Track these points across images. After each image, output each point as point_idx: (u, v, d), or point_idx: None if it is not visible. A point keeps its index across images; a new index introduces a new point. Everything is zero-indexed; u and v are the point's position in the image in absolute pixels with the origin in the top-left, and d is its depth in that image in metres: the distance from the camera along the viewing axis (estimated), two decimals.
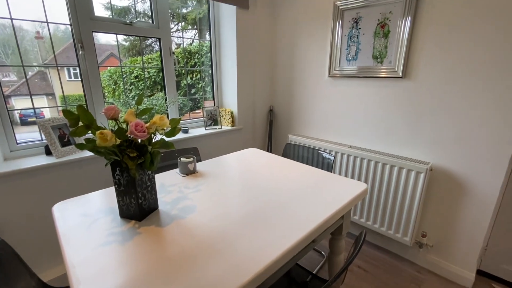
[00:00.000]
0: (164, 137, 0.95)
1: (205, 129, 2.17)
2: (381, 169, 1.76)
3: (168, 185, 1.24)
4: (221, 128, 2.24)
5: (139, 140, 0.89)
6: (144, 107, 1.20)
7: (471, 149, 1.50)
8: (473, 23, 1.38)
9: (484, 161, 1.47)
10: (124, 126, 0.87)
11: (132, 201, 0.92)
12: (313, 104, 2.23)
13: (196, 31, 2.25)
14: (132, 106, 1.78)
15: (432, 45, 1.53)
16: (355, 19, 1.80)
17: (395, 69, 1.67)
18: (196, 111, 2.36)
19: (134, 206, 0.92)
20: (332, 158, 1.62)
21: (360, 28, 1.79)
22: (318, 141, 2.13)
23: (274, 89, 2.54)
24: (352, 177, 1.93)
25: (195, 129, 2.21)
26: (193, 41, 2.26)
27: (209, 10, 2.19)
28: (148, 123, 0.85)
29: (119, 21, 1.69)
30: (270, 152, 2.67)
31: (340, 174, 2.01)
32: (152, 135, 0.91)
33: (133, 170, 0.83)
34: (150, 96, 1.76)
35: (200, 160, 1.69)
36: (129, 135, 0.83)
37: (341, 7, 1.84)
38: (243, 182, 1.27)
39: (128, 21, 1.72)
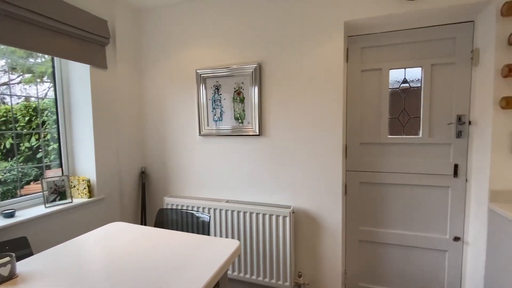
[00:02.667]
0: None
1: (46, 207, 1.67)
2: (255, 219, 1.85)
3: None
4: (71, 202, 1.79)
5: None
6: None
7: (315, 190, 1.84)
8: (295, 97, 1.83)
9: (326, 198, 1.82)
10: None
11: None
12: (189, 163, 2.20)
13: (50, 84, 1.88)
14: None
15: (276, 110, 1.89)
16: (216, 86, 2.02)
17: (253, 128, 1.92)
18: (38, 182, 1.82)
19: None
20: (207, 217, 1.57)
21: (221, 94, 2.01)
22: (197, 200, 2.06)
23: (145, 149, 2.36)
24: (232, 232, 1.93)
25: (31, 208, 1.66)
26: (46, 95, 1.86)
27: (53, 66, 1.89)
28: None
29: None
30: (145, 220, 2.33)
31: (219, 231, 1.97)
32: None
33: None
34: None
35: (32, 254, 1.23)
36: None
37: (202, 75, 2.03)
38: (98, 271, 0.99)
39: None
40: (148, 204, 2.38)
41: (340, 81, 1.73)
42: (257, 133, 1.91)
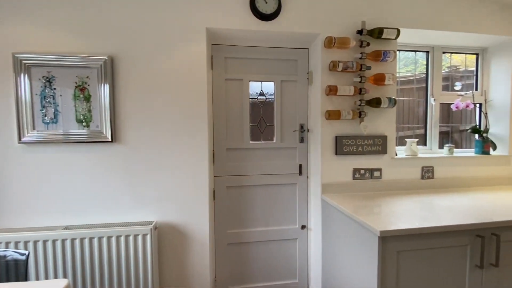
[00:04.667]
0: None
1: None
2: (107, 244, 1.52)
3: None
4: None
5: None
6: None
7: (181, 200, 1.73)
8: (158, 100, 1.67)
9: (193, 207, 1.74)
10: None
11: None
12: (1, 181, 1.56)
13: None
14: None
15: (134, 113, 1.65)
16: (48, 78, 1.55)
17: (103, 133, 1.59)
18: None
19: None
20: (23, 256, 1.13)
21: (55, 89, 1.56)
22: (15, 233, 1.47)
23: None
24: (73, 267, 1.50)
25: None
26: None
27: None
28: None
29: None
30: None
31: (52, 270, 1.49)
32: None
33: None
34: None
35: None
36: None
37: (24, 62, 1.51)
38: None
39: None
40: None
41: (204, 87, 1.71)
42: (110, 139, 1.59)
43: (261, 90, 2.00)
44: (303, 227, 2.07)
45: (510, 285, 1.36)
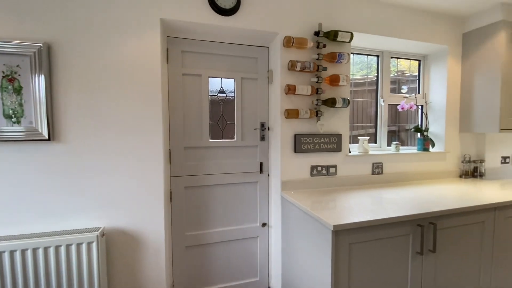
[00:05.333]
0: None
1: None
2: (43, 256, 1.34)
3: None
4: None
5: None
6: None
7: (133, 203, 1.60)
8: (107, 94, 1.53)
9: (146, 210, 1.63)
10: None
11: None
12: None
13: None
14: None
15: (77, 108, 1.48)
16: None
17: (38, 131, 1.40)
18: None
19: None
20: None
21: None
22: None
23: None
24: (1, 285, 1.30)
25: None
26: None
27: None
28: None
29: None
30: None
31: None
32: None
33: None
34: None
35: None
36: None
37: None
38: None
39: None
40: None
41: (158, 81, 1.61)
42: (46, 138, 1.41)
43: (221, 87, 1.95)
44: (263, 225, 2.07)
45: (445, 267, 1.52)
